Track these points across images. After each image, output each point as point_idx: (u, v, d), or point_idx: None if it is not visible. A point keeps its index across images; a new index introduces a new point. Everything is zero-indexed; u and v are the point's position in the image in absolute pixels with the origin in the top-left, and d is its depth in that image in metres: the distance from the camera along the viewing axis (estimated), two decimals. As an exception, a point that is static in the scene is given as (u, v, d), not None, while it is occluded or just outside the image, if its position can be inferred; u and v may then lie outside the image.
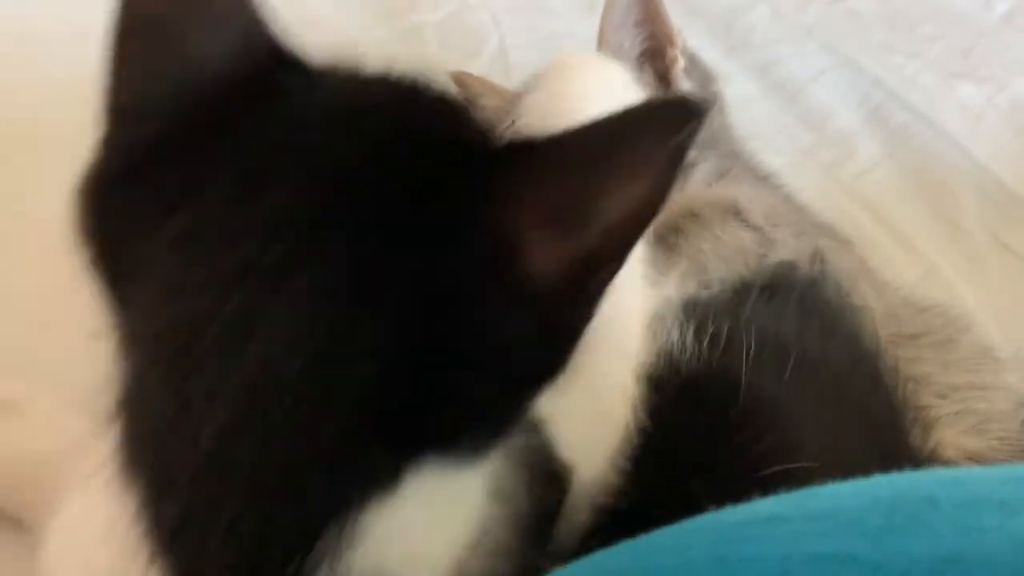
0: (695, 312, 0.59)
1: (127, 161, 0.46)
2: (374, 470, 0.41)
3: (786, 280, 0.70)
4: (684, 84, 0.94)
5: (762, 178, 0.94)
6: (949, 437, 0.73)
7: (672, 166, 0.41)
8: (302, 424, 0.39)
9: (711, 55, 1.06)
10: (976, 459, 0.72)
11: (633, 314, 0.57)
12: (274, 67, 0.46)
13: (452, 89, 0.51)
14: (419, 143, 0.43)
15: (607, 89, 0.65)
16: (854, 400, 0.60)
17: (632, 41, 0.94)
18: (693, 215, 0.79)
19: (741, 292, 0.66)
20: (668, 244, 0.76)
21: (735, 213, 0.80)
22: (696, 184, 0.87)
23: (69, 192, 0.47)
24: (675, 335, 0.56)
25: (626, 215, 0.41)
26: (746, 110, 1.05)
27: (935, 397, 0.77)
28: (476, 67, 1.09)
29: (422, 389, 0.41)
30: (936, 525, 0.36)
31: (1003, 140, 1.12)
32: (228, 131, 0.43)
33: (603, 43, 0.93)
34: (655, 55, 0.94)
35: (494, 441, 0.44)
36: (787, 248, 0.79)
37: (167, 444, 0.41)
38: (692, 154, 0.87)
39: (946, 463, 0.70)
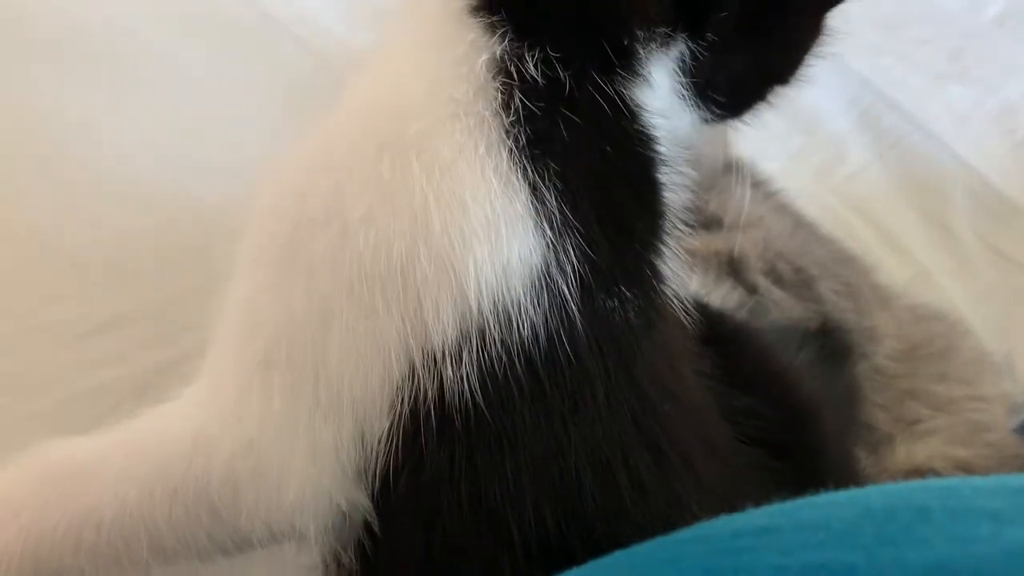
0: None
1: None
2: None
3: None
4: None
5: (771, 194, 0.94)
6: (939, 448, 0.74)
7: None
8: None
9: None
10: (966, 468, 0.72)
11: None
12: None
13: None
14: None
15: None
16: None
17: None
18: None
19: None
20: None
21: (730, 267, 0.81)
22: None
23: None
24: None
25: None
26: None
27: (930, 409, 0.77)
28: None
29: None
30: (928, 534, 0.36)
31: (991, 143, 1.12)
32: None
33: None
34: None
35: None
36: (788, 310, 0.79)
37: None
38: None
39: (936, 474, 0.71)
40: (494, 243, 0.47)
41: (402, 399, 0.48)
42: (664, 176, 0.54)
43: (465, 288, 0.47)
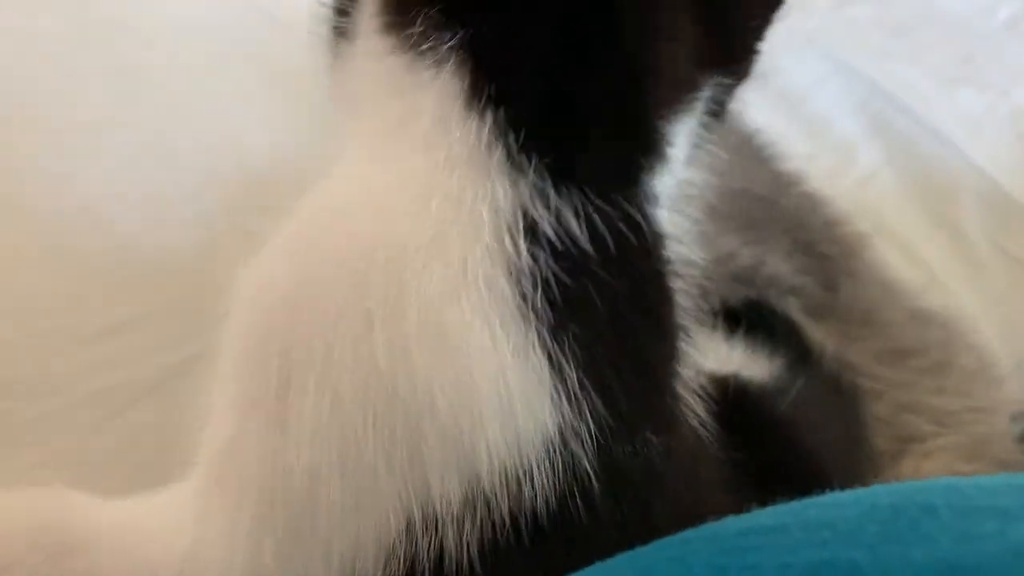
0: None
1: None
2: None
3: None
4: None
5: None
6: (943, 465, 0.73)
7: None
8: None
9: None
10: None
11: None
12: None
13: None
14: None
15: None
16: None
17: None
18: None
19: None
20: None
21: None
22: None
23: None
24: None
25: None
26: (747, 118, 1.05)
27: (932, 424, 0.76)
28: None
29: None
30: (934, 532, 0.36)
31: (1003, 147, 1.12)
32: None
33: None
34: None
35: None
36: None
37: None
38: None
39: None
40: (507, 421, 0.43)
41: (398, 558, 0.44)
42: (675, 283, 0.50)
43: (475, 463, 0.43)
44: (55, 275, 0.79)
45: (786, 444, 0.65)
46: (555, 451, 0.44)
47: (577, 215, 0.45)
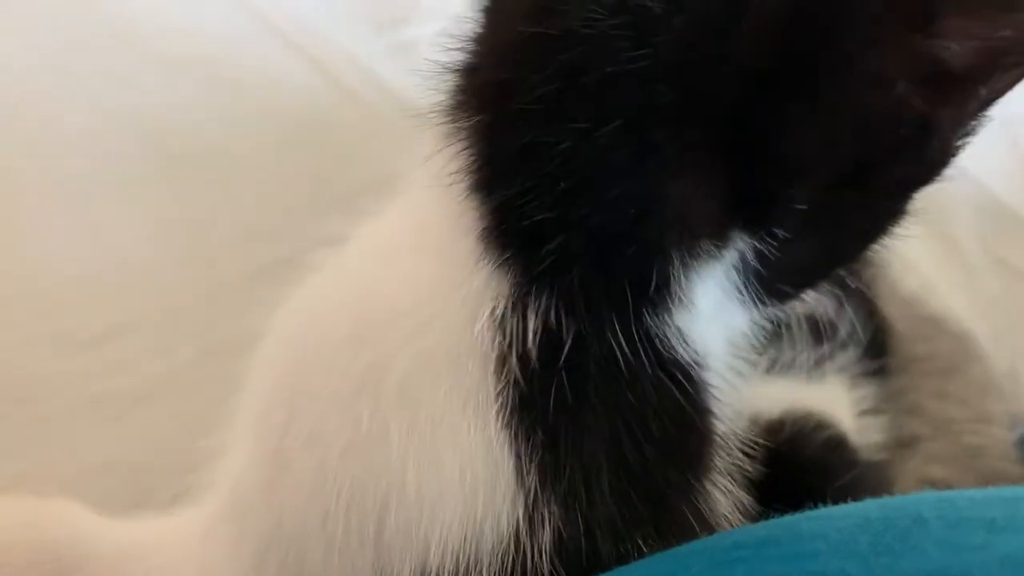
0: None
1: None
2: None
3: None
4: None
5: None
6: (936, 472, 0.73)
7: None
8: None
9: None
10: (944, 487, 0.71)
11: None
12: None
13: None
14: None
15: None
16: None
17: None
18: None
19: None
20: None
21: None
22: None
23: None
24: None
25: None
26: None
27: (927, 428, 0.76)
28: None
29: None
30: (925, 543, 0.36)
31: (997, 154, 1.12)
32: None
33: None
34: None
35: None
36: None
37: None
38: None
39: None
40: (466, 510, 0.44)
41: None
42: (713, 413, 0.48)
43: (427, 550, 0.44)
44: (50, 282, 0.80)
45: None
46: (506, 548, 0.44)
47: (548, 330, 0.44)
